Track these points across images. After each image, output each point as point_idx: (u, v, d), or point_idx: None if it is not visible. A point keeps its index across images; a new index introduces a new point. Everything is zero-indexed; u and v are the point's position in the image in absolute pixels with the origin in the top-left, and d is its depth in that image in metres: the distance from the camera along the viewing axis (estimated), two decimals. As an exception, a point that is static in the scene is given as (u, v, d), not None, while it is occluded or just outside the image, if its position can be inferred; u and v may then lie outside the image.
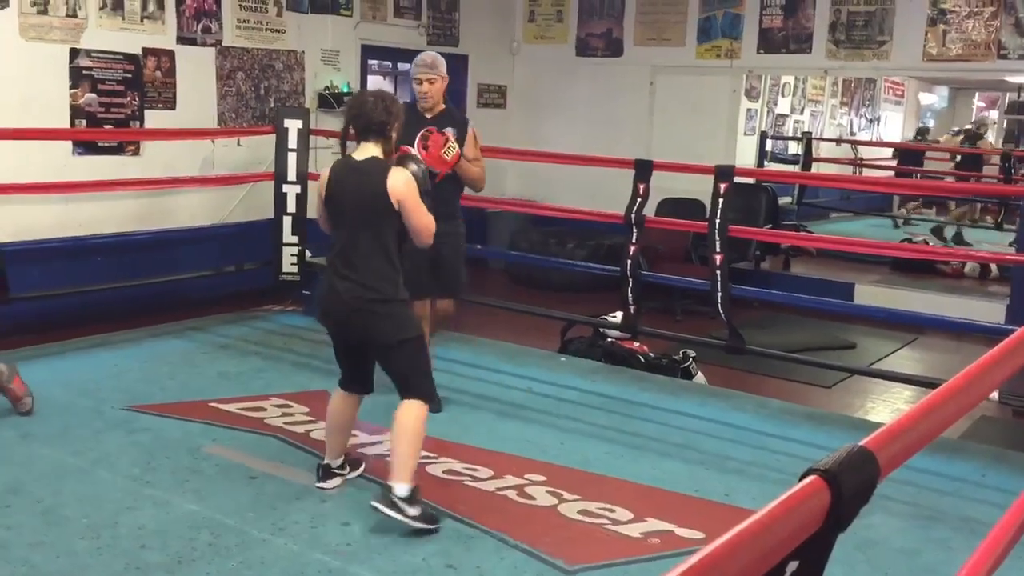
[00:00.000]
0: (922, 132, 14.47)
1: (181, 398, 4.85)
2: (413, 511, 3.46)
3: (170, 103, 6.62)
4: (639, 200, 5.45)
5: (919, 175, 11.89)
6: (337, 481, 3.86)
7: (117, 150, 6.36)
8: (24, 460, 4.00)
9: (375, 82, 9.89)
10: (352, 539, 3.48)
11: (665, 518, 3.72)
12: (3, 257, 5.21)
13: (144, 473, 3.91)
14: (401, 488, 3.47)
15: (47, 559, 3.21)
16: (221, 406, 4.74)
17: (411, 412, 3.59)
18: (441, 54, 4.83)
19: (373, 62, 9.04)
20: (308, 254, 6.69)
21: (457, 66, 9.04)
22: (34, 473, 3.87)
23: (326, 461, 3.87)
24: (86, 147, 6.19)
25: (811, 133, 11.70)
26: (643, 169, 5.48)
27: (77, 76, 6.08)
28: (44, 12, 5.85)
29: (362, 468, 4.00)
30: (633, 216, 5.44)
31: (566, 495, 3.90)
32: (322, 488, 3.81)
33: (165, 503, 3.65)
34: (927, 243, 9.83)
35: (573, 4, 9.19)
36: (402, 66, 10.29)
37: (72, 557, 3.23)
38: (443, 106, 4.78)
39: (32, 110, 5.83)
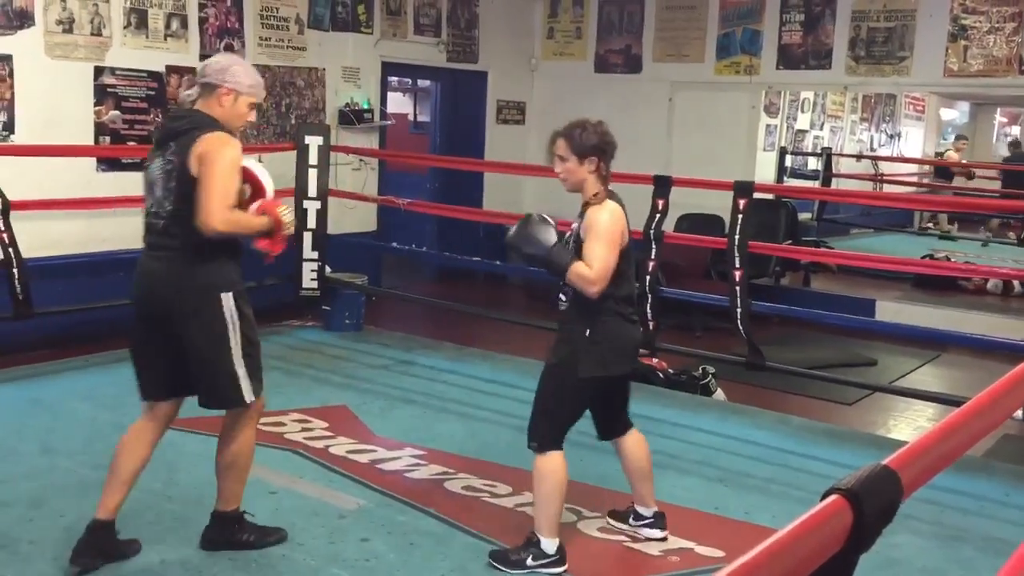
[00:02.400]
0: (1016, 145, 14.39)
1: (202, 413, 4.86)
2: None
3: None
4: (658, 216, 5.45)
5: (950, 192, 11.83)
6: None
7: (140, 166, 6.40)
8: (46, 474, 4.03)
9: (395, 99, 9.97)
10: (370, 555, 3.48)
11: (685, 536, 3.70)
12: (27, 272, 5.26)
13: (165, 488, 3.92)
14: None
15: (69, 573, 3.23)
16: (241, 421, 4.75)
17: None
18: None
19: (393, 79, 9.12)
20: (328, 270, 6.73)
21: (476, 83, 9.10)
22: (56, 487, 3.89)
23: None
24: (110, 163, 6.26)
25: (831, 149, 11.66)
26: (662, 185, 5.48)
27: (101, 93, 6.16)
28: (69, 31, 5.94)
29: None
30: (652, 232, 5.44)
31: (585, 512, 3.89)
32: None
33: (184, 519, 3.66)
34: (949, 259, 9.76)
35: (592, 21, 9.22)
36: (422, 83, 10.39)
37: (93, 572, 3.24)
38: None
39: (57, 127, 5.91)
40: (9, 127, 5.72)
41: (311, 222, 6.64)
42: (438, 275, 9.30)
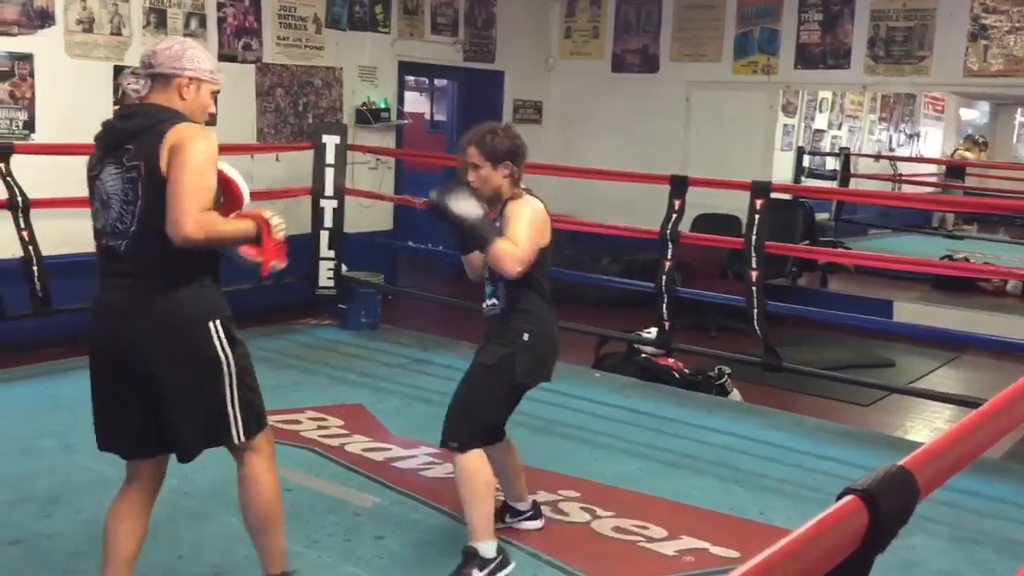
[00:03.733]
0: None
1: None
2: None
3: (211, 119, 6.69)
4: (674, 216, 5.44)
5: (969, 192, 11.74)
6: None
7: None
8: (65, 470, 4.06)
9: (412, 98, 9.98)
10: (385, 552, 3.49)
11: (700, 536, 3.70)
12: (46, 270, 5.30)
13: (182, 485, 3.94)
14: None
15: (87, 569, 3.25)
16: (258, 418, 4.78)
17: None
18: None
19: (410, 78, 9.13)
20: (344, 268, 6.75)
21: (493, 82, 9.10)
22: (75, 483, 3.92)
23: None
24: (128, 162, 6.29)
25: (849, 149, 11.60)
26: (679, 185, 5.47)
27: (120, 92, 6.18)
28: (89, 30, 5.98)
29: None
30: (668, 232, 5.43)
31: (600, 511, 3.89)
32: None
33: (202, 515, 3.68)
34: (967, 260, 9.69)
35: (609, 20, 9.21)
36: (438, 82, 10.40)
37: (111, 566, 3.27)
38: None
39: (77, 126, 5.93)
40: (30, 126, 5.77)
41: (328, 221, 6.66)
42: (454, 274, 9.28)
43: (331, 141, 6.68)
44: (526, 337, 3.23)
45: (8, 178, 5.13)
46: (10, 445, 4.29)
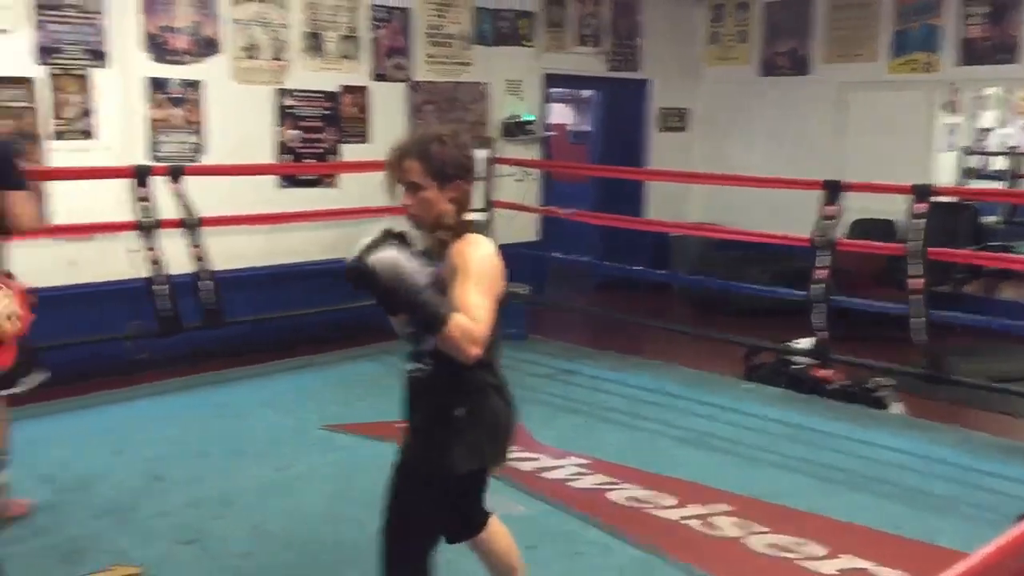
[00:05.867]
0: None
1: (372, 418, 5.07)
2: None
3: (364, 137, 6.97)
4: (829, 222, 5.27)
5: None
6: None
7: (317, 183, 6.76)
8: (234, 475, 4.29)
9: (555, 109, 10.06)
10: (536, 562, 3.51)
11: (862, 555, 3.55)
12: (217, 284, 5.61)
13: (342, 491, 4.10)
14: None
15: (255, 569, 3.43)
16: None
17: None
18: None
19: (555, 90, 9.20)
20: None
21: (638, 91, 9.06)
22: (243, 487, 4.14)
23: None
24: (289, 180, 6.61)
25: (1018, 147, 10.92)
26: (833, 190, 5.30)
27: (282, 114, 6.52)
28: (253, 56, 6.32)
29: None
30: (822, 239, 5.26)
31: (754, 527, 3.80)
32: None
33: (360, 521, 3.80)
34: None
35: (757, 24, 9.02)
36: (583, 93, 10.44)
37: (277, 569, 3.44)
38: None
39: (242, 147, 6.30)
40: (200, 148, 6.14)
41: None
42: (600, 284, 9.30)
43: (479, 155, 6.79)
44: (462, 412, 2.43)
45: (181, 198, 5.46)
46: (183, 449, 4.56)
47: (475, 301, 2.27)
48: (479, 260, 2.36)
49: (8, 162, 3.63)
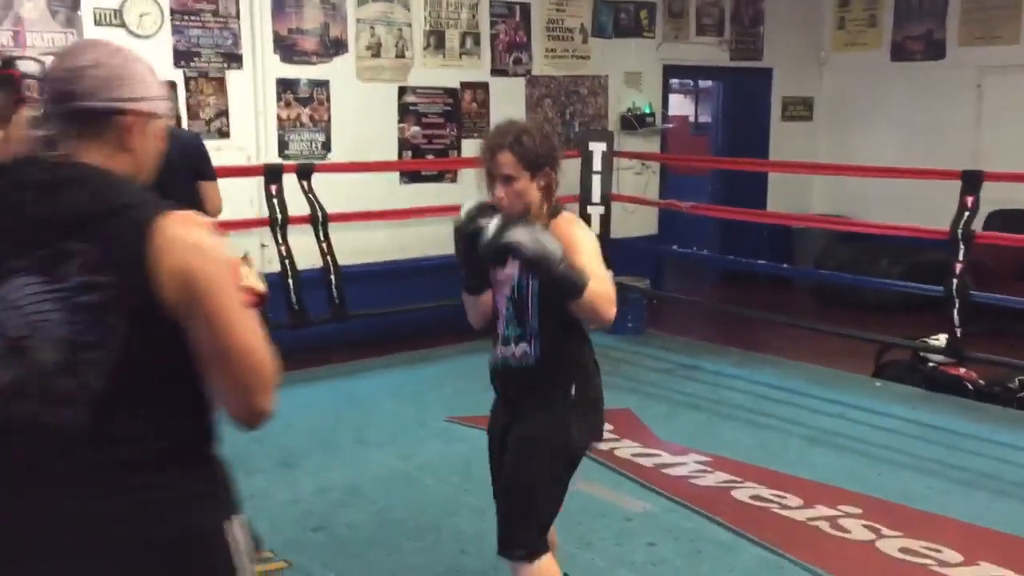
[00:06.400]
0: None
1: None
2: None
3: (484, 132, 7.03)
4: (967, 214, 5.03)
5: None
6: None
7: (437, 178, 6.86)
8: (360, 464, 4.40)
9: (675, 101, 9.91)
10: (657, 559, 3.49)
11: (1002, 563, 3.39)
12: (342, 278, 5.76)
13: (462, 481, 4.16)
14: None
15: (379, 556, 3.52)
16: (530, 420, 4.94)
17: None
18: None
19: (674, 81, 9.08)
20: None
21: (760, 80, 8.85)
22: (368, 476, 4.24)
23: None
24: (411, 176, 6.74)
25: None
26: (972, 180, 5.06)
27: (404, 111, 6.64)
28: (377, 55, 6.46)
29: None
30: (960, 231, 5.03)
31: (885, 530, 3.67)
32: None
33: (481, 511, 3.84)
34: None
35: (888, 7, 8.66)
36: (702, 83, 10.26)
37: (401, 556, 3.52)
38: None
39: (366, 144, 6.45)
40: (327, 146, 6.32)
41: (595, 227, 6.75)
42: (720, 278, 9.14)
43: (598, 148, 6.77)
44: (573, 392, 2.58)
45: (310, 195, 5.63)
46: (311, 439, 4.70)
47: (598, 269, 2.42)
48: (585, 236, 2.52)
49: (203, 155, 3.99)
